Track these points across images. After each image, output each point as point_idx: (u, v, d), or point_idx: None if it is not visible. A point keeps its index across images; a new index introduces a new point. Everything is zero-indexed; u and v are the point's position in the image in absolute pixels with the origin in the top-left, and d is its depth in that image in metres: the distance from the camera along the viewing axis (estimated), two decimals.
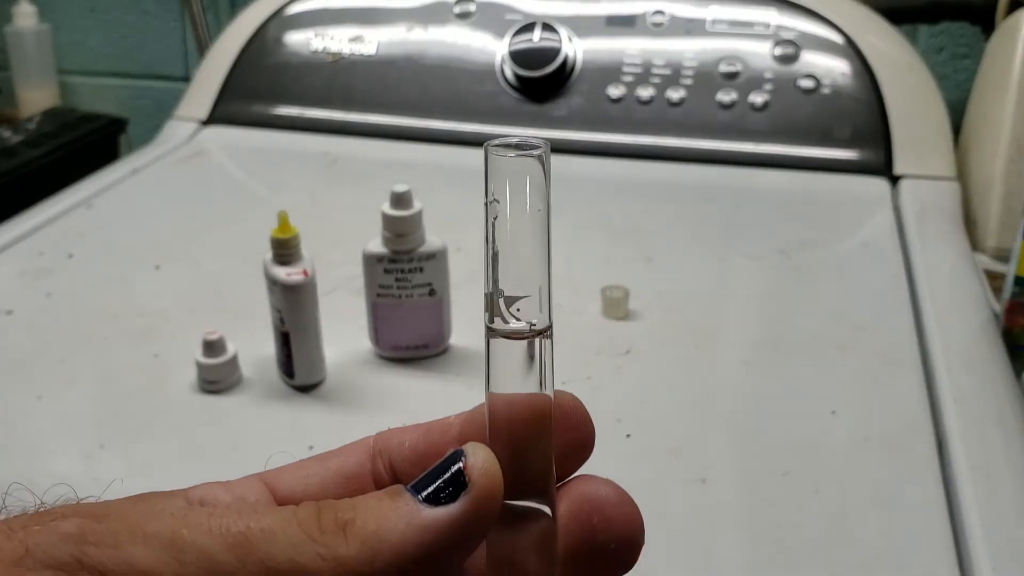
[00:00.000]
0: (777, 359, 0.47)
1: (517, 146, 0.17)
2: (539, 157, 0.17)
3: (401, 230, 0.44)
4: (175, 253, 0.59)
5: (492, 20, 0.78)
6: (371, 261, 0.44)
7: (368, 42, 0.79)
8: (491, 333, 0.17)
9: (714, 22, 0.75)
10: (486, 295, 0.17)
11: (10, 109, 1.18)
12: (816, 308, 0.52)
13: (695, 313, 0.51)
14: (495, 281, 0.17)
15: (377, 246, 0.44)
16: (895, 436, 0.41)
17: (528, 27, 0.75)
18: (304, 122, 0.79)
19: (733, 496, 0.38)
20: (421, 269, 0.45)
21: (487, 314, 0.17)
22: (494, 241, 0.17)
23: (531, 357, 0.17)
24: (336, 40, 0.80)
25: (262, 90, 0.81)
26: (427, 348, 0.46)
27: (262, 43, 0.82)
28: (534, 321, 0.17)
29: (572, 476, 0.18)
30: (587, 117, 0.74)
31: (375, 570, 0.15)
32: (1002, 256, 0.66)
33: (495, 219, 0.17)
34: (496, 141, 0.17)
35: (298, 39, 0.81)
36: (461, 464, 0.16)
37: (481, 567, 0.17)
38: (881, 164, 0.70)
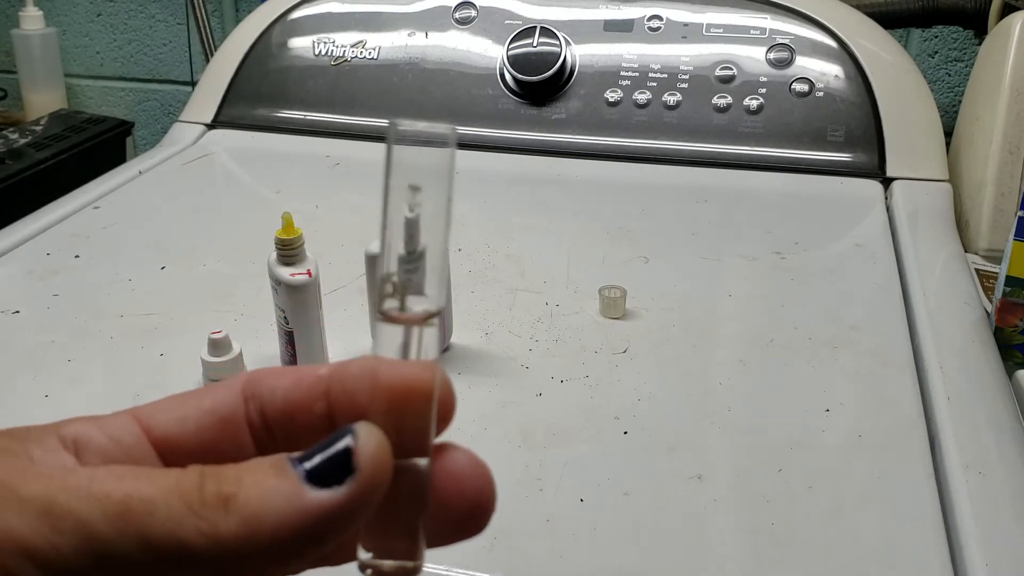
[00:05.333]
0: (772, 358, 0.47)
1: (425, 134, 0.16)
2: (448, 147, 0.17)
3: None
4: (181, 254, 0.59)
5: (492, 25, 0.78)
6: (372, 262, 0.45)
7: (370, 47, 0.80)
8: (384, 317, 0.17)
9: (709, 27, 0.75)
10: (384, 280, 0.17)
11: (17, 112, 1.19)
12: (810, 308, 0.52)
13: (691, 313, 0.52)
14: (392, 265, 0.17)
15: (378, 247, 0.45)
16: (888, 434, 0.41)
17: (527, 32, 0.76)
18: (307, 125, 0.80)
19: (728, 493, 0.38)
20: None
21: (383, 299, 0.17)
22: (392, 228, 0.17)
23: (421, 339, 0.17)
24: (339, 45, 0.81)
25: (266, 94, 0.81)
26: None
27: (266, 47, 0.83)
28: (431, 307, 0.17)
29: (434, 444, 0.18)
30: (585, 120, 0.75)
31: (252, 550, 0.15)
32: (994, 257, 0.66)
33: (392, 206, 0.17)
34: (402, 126, 0.16)
35: (302, 44, 0.82)
36: (350, 443, 0.16)
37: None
38: (874, 166, 0.71)
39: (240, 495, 0.15)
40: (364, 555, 0.17)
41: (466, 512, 0.18)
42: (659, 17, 0.76)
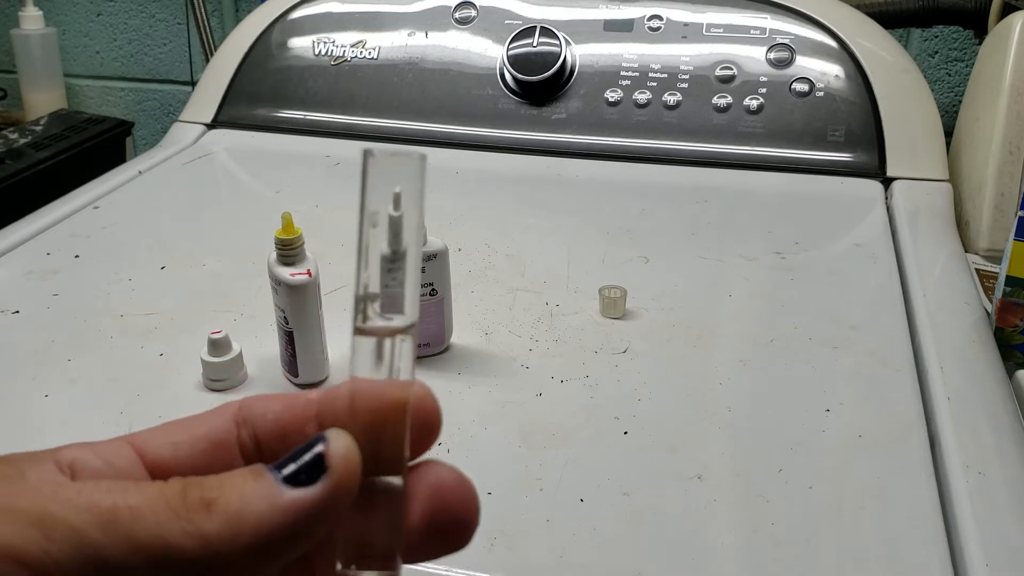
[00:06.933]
0: (772, 358, 0.47)
1: (395, 155, 0.17)
2: (419, 167, 0.18)
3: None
4: (180, 253, 0.59)
5: (492, 25, 0.78)
6: None
7: (370, 47, 0.80)
8: (359, 331, 0.18)
9: (710, 27, 0.75)
10: (357, 296, 0.18)
11: (16, 112, 1.19)
12: (810, 308, 0.52)
13: (691, 313, 0.52)
14: (367, 283, 0.18)
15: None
16: (888, 434, 0.41)
17: (527, 32, 0.76)
18: (307, 125, 0.80)
19: (728, 493, 0.38)
20: (423, 269, 0.45)
21: (357, 314, 0.18)
22: (366, 246, 0.18)
23: (394, 351, 0.18)
24: (339, 45, 0.81)
25: (266, 93, 0.81)
26: (428, 347, 0.47)
27: (266, 47, 0.83)
28: (399, 322, 0.18)
29: (419, 460, 0.19)
30: (585, 120, 0.75)
31: (236, 547, 0.16)
32: (994, 257, 0.66)
33: (367, 227, 0.18)
34: (377, 148, 0.18)
35: (301, 43, 0.82)
36: (322, 448, 0.17)
37: (333, 538, 0.18)
38: (874, 166, 0.71)
39: (221, 499, 0.16)
40: (344, 570, 0.18)
41: (451, 526, 0.18)
42: (659, 17, 0.76)
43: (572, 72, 0.76)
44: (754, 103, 0.72)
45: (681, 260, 0.58)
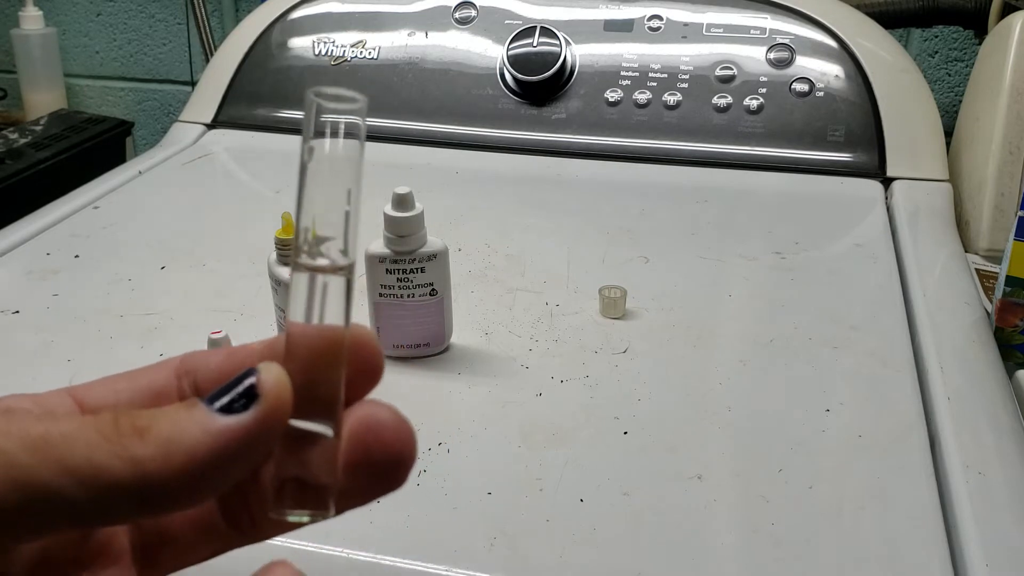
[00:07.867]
0: (772, 358, 0.47)
1: (338, 97, 0.18)
2: (358, 110, 0.18)
3: (403, 231, 0.45)
4: (181, 254, 0.59)
5: (492, 25, 0.78)
6: (373, 261, 0.45)
7: (370, 47, 0.80)
8: (297, 267, 0.18)
9: (709, 27, 0.75)
10: (297, 231, 0.18)
11: (16, 112, 1.19)
12: (810, 308, 0.52)
13: (691, 313, 0.52)
14: (306, 220, 0.18)
15: (379, 247, 0.45)
16: (888, 434, 0.41)
17: (527, 32, 0.76)
18: None
19: (728, 493, 0.38)
20: (423, 269, 0.45)
21: (296, 249, 0.18)
22: (308, 184, 0.18)
23: (330, 291, 0.18)
24: (339, 45, 0.81)
25: (266, 93, 0.81)
26: (428, 347, 0.47)
27: (266, 47, 0.83)
28: (338, 260, 0.18)
29: (359, 401, 0.19)
30: (585, 120, 0.75)
31: (170, 471, 0.16)
32: (994, 257, 0.66)
33: (310, 164, 0.18)
34: (319, 90, 0.18)
35: (301, 43, 0.82)
36: (253, 379, 0.17)
37: (268, 484, 0.18)
38: (874, 166, 0.71)
39: (154, 426, 0.16)
40: (277, 512, 0.18)
41: (386, 463, 0.18)
42: (659, 17, 0.76)
43: (572, 72, 0.76)
44: (754, 103, 0.73)
45: (681, 260, 0.58)
